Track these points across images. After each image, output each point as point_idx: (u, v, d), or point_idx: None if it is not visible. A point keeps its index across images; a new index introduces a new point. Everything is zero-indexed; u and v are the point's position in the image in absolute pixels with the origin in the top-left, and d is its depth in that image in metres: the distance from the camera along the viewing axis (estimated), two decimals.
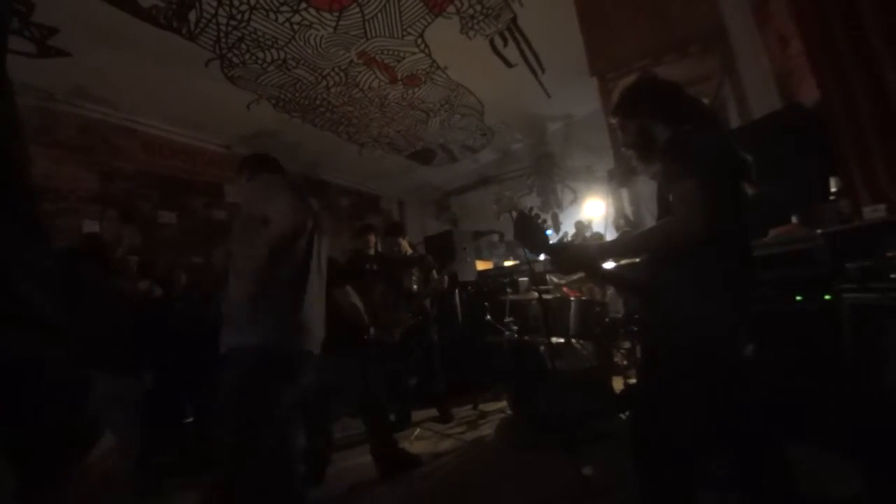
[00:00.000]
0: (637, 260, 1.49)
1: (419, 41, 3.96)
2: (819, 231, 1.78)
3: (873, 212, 1.60)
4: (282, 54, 3.78)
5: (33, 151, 3.65)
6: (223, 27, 3.36)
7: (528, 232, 1.39)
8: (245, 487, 1.42)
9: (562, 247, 1.37)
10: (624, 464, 1.61)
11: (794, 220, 2.19)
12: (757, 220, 1.56)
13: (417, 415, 3.33)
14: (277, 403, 1.49)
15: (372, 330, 2.63)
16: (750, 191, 1.36)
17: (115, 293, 2.45)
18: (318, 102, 4.64)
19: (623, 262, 1.80)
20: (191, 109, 4.41)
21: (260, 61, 3.83)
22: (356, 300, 2.51)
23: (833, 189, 1.91)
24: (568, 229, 5.06)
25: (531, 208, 1.48)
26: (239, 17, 3.28)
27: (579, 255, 1.35)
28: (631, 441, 1.27)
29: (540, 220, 1.39)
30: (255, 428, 1.44)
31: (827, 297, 1.85)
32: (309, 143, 5.43)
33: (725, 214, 1.21)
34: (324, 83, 4.31)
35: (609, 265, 1.48)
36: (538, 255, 1.42)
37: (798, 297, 1.99)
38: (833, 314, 1.78)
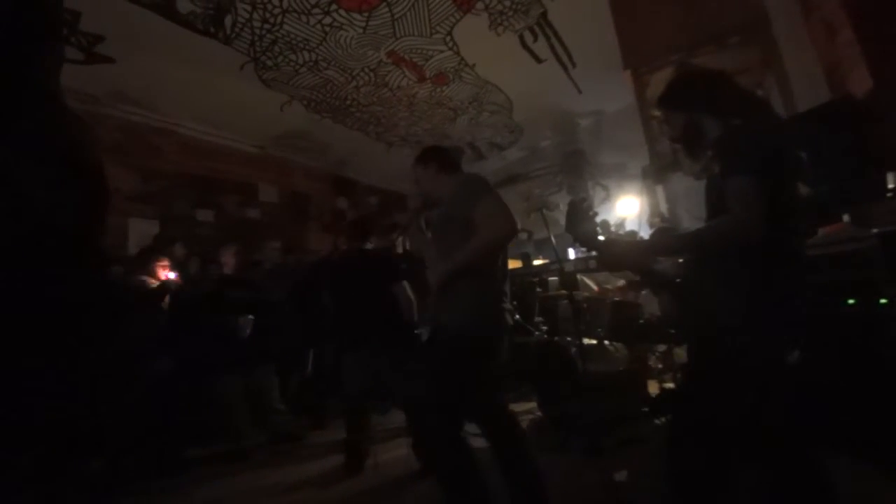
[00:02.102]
0: (680, 260, 1.44)
1: (447, 39, 3.95)
2: (874, 231, 1.67)
3: None
4: (313, 56, 3.85)
5: None
6: (257, 31, 3.45)
7: (578, 223, 1.34)
8: None
9: (610, 242, 1.33)
10: (655, 469, 1.57)
11: (845, 218, 2.07)
12: (805, 219, 1.48)
13: None
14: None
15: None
16: (802, 189, 1.29)
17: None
18: (347, 102, 4.70)
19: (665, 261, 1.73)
20: (226, 111, 4.56)
21: (292, 63, 3.91)
22: (412, 296, 2.60)
23: (890, 186, 1.79)
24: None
25: (583, 198, 1.44)
26: (272, 20, 3.36)
27: (628, 251, 1.31)
28: (668, 447, 1.22)
29: (591, 213, 1.35)
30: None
31: (883, 301, 1.74)
32: (338, 142, 5.52)
33: (780, 214, 1.15)
34: (353, 83, 4.37)
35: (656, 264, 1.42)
36: (586, 248, 1.38)
37: (850, 301, 1.88)
38: (889, 320, 1.67)
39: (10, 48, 0.61)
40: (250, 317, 3.08)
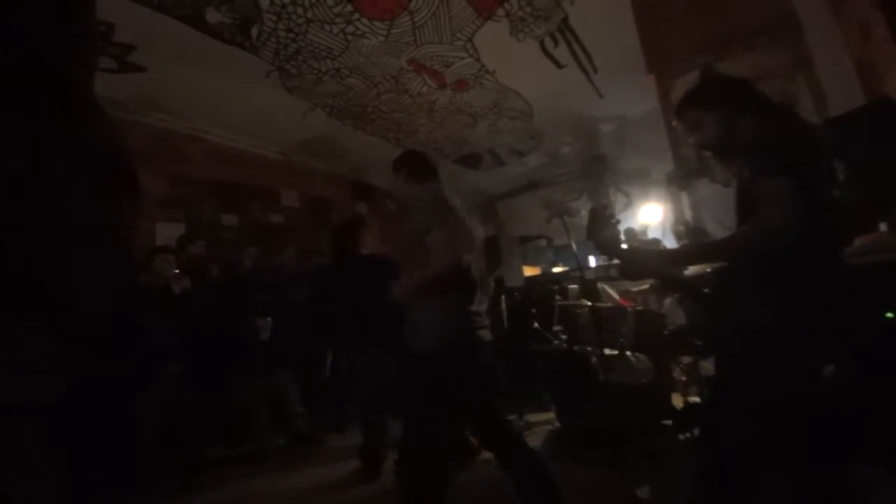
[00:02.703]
0: (708, 269, 1.39)
1: (468, 46, 3.96)
2: None
3: None
4: (336, 64, 3.91)
5: None
6: (282, 40, 3.53)
7: (600, 230, 1.31)
8: None
9: (633, 250, 1.29)
10: (679, 485, 1.50)
11: (882, 227, 1.97)
12: (840, 226, 1.41)
13: None
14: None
15: None
16: (837, 194, 1.23)
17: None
18: (369, 110, 4.76)
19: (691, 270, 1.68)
20: (251, 119, 4.67)
21: (315, 71, 3.99)
22: None
23: None
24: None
25: (605, 205, 1.40)
26: (296, 29, 3.43)
27: (652, 260, 1.27)
28: (696, 462, 1.18)
29: (613, 220, 1.32)
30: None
31: None
32: (358, 148, 5.59)
33: (816, 219, 1.09)
34: (375, 91, 4.42)
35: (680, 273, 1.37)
36: (608, 256, 1.34)
37: (889, 314, 1.78)
38: None
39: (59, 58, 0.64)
40: (269, 319, 3.13)
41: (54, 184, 0.58)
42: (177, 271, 3.10)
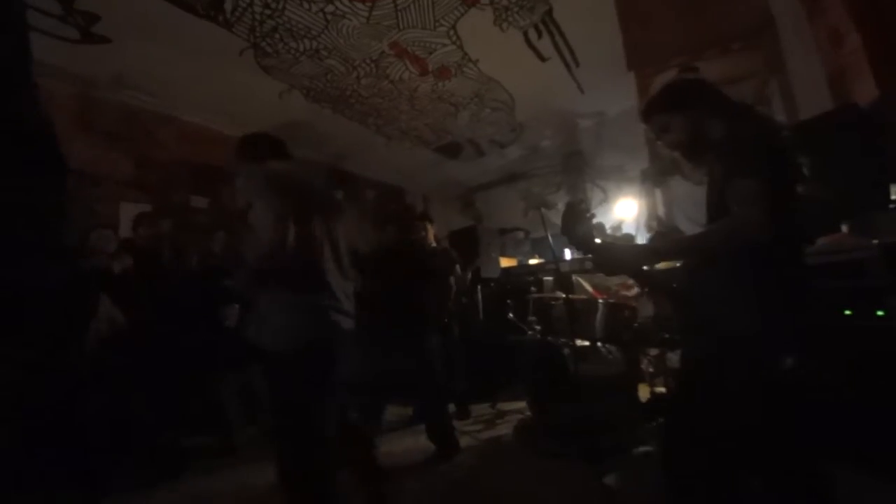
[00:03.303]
0: (677, 264, 1.42)
1: (451, 32, 3.90)
2: (875, 241, 1.66)
3: None
4: (314, 44, 3.79)
5: (74, 137, 3.83)
6: (258, 16, 3.39)
7: (575, 225, 1.31)
8: None
9: (607, 245, 1.30)
10: (649, 475, 1.54)
11: (844, 228, 2.06)
12: (806, 226, 1.46)
13: None
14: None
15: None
16: (802, 195, 1.27)
17: None
18: (348, 93, 4.65)
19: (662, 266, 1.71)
20: (225, 98, 4.49)
21: (293, 51, 3.85)
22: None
23: (894, 197, 1.78)
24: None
25: (580, 200, 1.41)
26: (273, 5, 3.30)
27: (625, 255, 1.27)
28: (664, 453, 1.21)
29: (588, 215, 1.32)
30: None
31: (880, 312, 1.73)
32: (337, 134, 5.47)
33: (785, 218, 1.12)
34: (354, 74, 4.32)
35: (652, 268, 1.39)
36: (583, 251, 1.34)
37: (846, 312, 1.86)
38: (887, 332, 1.66)
39: None
40: (236, 306, 3.01)
41: None
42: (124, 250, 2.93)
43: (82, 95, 3.92)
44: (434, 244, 3.38)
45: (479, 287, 3.46)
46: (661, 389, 2.68)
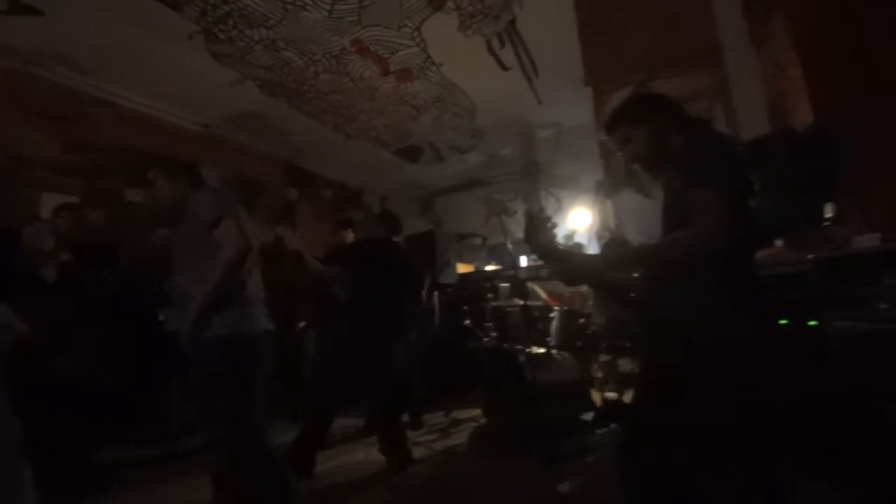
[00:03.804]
0: (635, 275, 1.44)
1: (416, 34, 3.86)
2: (811, 256, 1.77)
3: (868, 240, 1.58)
4: (271, 34, 3.61)
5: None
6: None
7: (536, 233, 1.30)
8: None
9: (569, 254, 1.29)
10: (604, 481, 1.54)
11: (777, 243, 2.19)
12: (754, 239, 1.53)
13: None
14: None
15: None
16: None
17: None
18: (305, 87, 4.47)
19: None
20: (170, 83, 4.19)
21: (247, 39, 3.65)
22: None
23: (828, 215, 1.91)
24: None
25: (541, 208, 1.41)
26: None
27: (588, 265, 1.27)
28: (623, 458, 1.20)
29: (550, 224, 1.31)
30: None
31: (812, 322, 1.84)
32: (294, 129, 5.26)
33: (741, 229, 1.16)
34: (313, 69, 4.16)
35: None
36: (544, 259, 1.34)
37: (782, 321, 1.98)
38: (819, 341, 1.77)
39: None
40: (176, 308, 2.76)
41: None
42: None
43: (10, 70, 3.51)
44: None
45: (435, 293, 3.40)
46: (612, 395, 2.74)
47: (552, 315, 2.60)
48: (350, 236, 3.18)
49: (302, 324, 3.30)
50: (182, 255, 1.82)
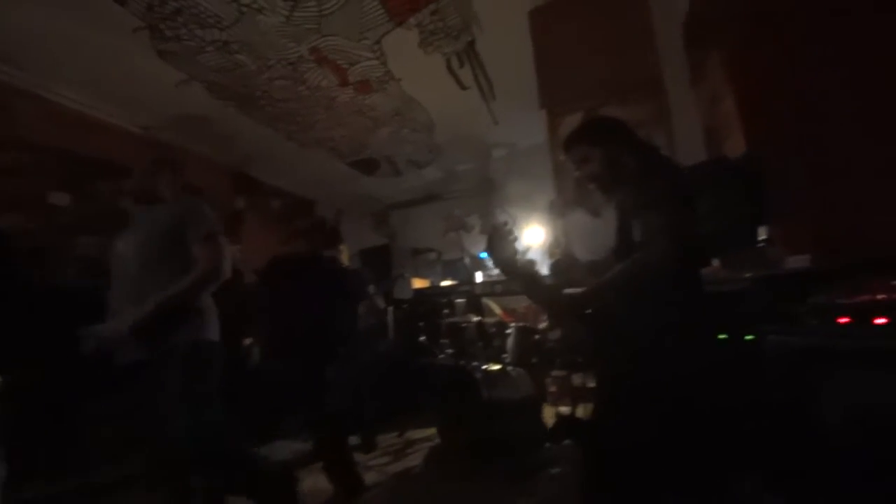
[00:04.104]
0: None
1: (376, 47, 3.85)
2: (748, 275, 1.90)
3: (799, 261, 1.72)
4: (224, 36, 3.46)
5: None
6: None
7: (500, 247, 1.31)
8: None
9: (530, 270, 1.31)
10: (560, 496, 1.54)
11: (715, 262, 2.35)
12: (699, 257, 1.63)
13: None
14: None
15: None
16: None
17: None
18: (258, 94, 4.31)
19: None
20: (110, 81, 3.88)
21: (197, 39, 3.47)
22: None
23: (762, 237, 2.07)
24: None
25: (505, 222, 1.41)
26: None
27: (556, 297, 1.32)
28: (584, 475, 1.21)
29: (512, 238, 1.32)
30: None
31: (749, 337, 1.97)
32: (243, 136, 5.04)
33: (689, 249, 1.22)
34: (267, 74, 4.02)
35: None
36: (507, 273, 1.35)
37: (721, 336, 2.10)
38: (754, 355, 1.89)
39: None
40: (98, 326, 2.48)
41: None
42: None
43: None
44: (345, 264, 3.20)
45: (389, 308, 3.33)
46: (565, 409, 2.77)
47: (508, 332, 2.61)
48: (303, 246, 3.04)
49: (248, 340, 3.12)
50: (134, 264, 1.68)
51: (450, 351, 3.06)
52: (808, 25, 2.10)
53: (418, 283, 4.24)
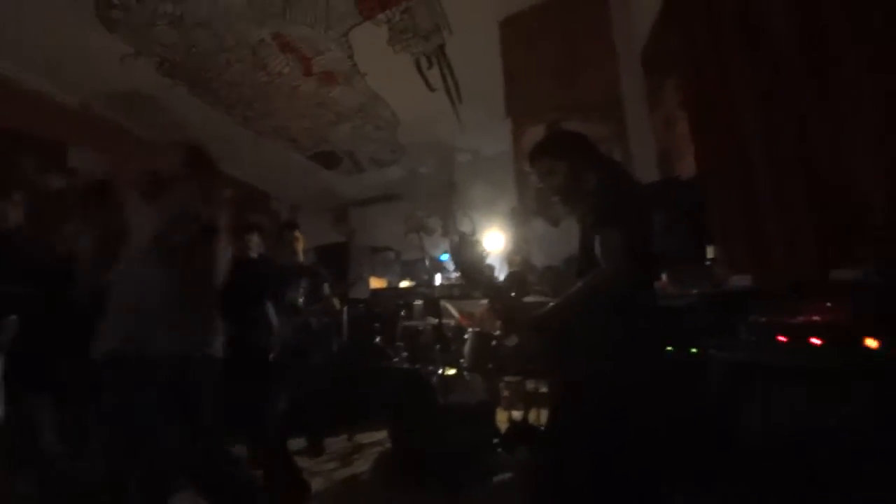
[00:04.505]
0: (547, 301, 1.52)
1: (343, 40, 3.74)
2: (695, 291, 2.00)
3: (741, 280, 1.83)
4: (180, 10, 3.24)
5: None
6: None
7: (465, 253, 1.31)
8: None
9: (506, 296, 1.34)
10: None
11: (663, 277, 2.46)
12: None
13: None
14: None
15: None
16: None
17: None
18: (211, 76, 4.06)
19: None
20: (45, 49, 3.49)
21: (149, 11, 3.22)
22: None
23: (709, 255, 2.18)
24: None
25: (473, 230, 1.40)
26: None
27: (523, 314, 1.35)
28: (537, 481, 1.22)
29: (477, 246, 1.33)
30: None
31: (693, 350, 2.07)
32: (194, 119, 4.73)
33: (643, 265, 1.27)
34: (224, 56, 3.81)
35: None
36: (469, 279, 1.36)
37: (668, 348, 2.20)
38: (696, 367, 1.99)
39: None
40: (13, 317, 2.18)
41: None
42: None
43: None
44: (301, 258, 3.07)
45: (345, 308, 3.24)
46: (517, 414, 2.80)
47: (466, 336, 2.60)
48: (255, 241, 2.88)
49: None
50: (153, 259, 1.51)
51: (405, 354, 3.01)
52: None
53: (375, 283, 4.16)
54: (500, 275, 3.69)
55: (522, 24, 4.10)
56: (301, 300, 3.01)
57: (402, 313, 3.49)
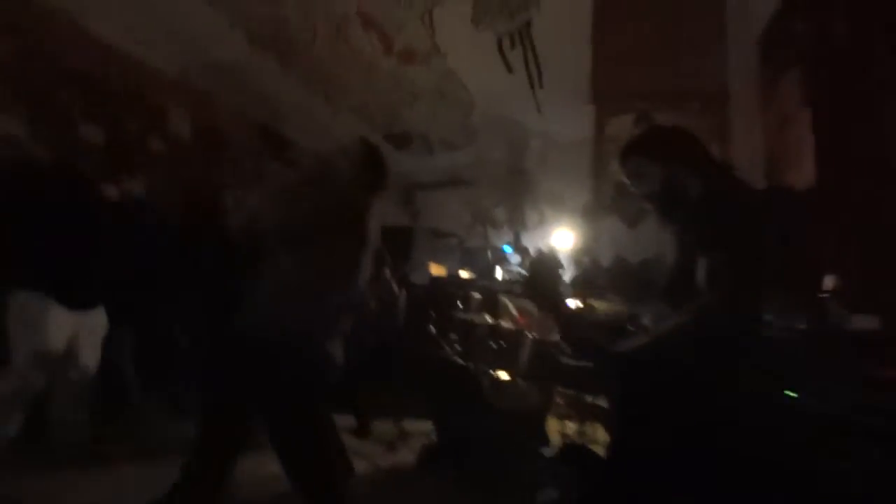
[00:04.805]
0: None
1: (426, 17, 3.64)
2: (803, 326, 1.71)
3: (863, 321, 1.54)
4: None
5: None
6: None
7: (543, 279, 1.21)
8: None
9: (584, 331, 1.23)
10: None
11: None
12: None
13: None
14: None
15: None
16: None
17: None
18: (300, 48, 4.14)
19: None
20: (153, 19, 3.73)
21: None
22: None
23: (826, 287, 1.86)
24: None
25: (552, 250, 1.28)
26: None
27: (616, 353, 1.26)
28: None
29: (560, 271, 1.21)
30: None
31: (792, 394, 1.80)
32: (279, 92, 4.89)
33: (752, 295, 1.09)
34: (311, 32, 3.86)
35: None
36: (543, 306, 1.24)
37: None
38: (790, 413, 1.73)
39: None
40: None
41: None
42: None
43: None
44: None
45: (403, 292, 3.23)
46: (572, 425, 2.65)
47: (522, 341, 2.49)
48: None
49: None
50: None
51: (458, 348, 2.95)
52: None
53: (435, 270, 4.13)
54: (566, 275, 3.49)
55: (619, 2, 3.74)
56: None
57: (460, 304, 3.41)
